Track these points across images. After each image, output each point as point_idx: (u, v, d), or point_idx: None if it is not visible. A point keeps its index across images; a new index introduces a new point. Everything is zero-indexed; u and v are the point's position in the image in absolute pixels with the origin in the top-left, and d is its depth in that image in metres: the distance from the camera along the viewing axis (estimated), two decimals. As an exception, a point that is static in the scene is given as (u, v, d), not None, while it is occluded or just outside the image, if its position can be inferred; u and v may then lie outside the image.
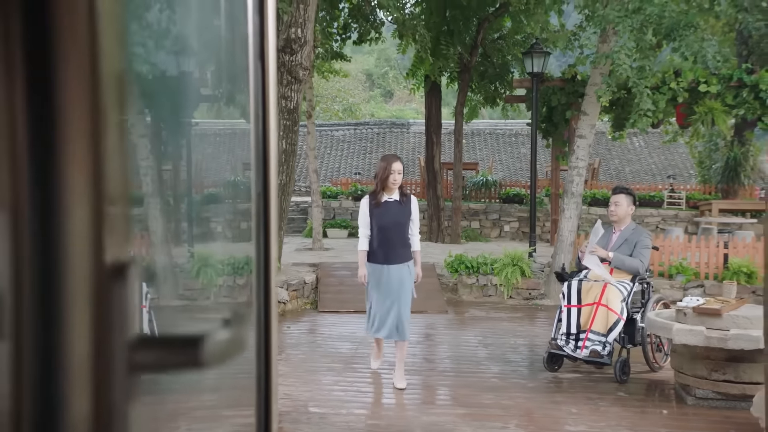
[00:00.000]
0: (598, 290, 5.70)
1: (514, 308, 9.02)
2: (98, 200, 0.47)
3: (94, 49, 0.49)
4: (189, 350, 0.51)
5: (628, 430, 4.52)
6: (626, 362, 5.65)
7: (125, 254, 0.48)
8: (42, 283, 0.44)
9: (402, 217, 5.23)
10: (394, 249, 5.18)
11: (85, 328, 0.45)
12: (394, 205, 5.23)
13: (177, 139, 2.93)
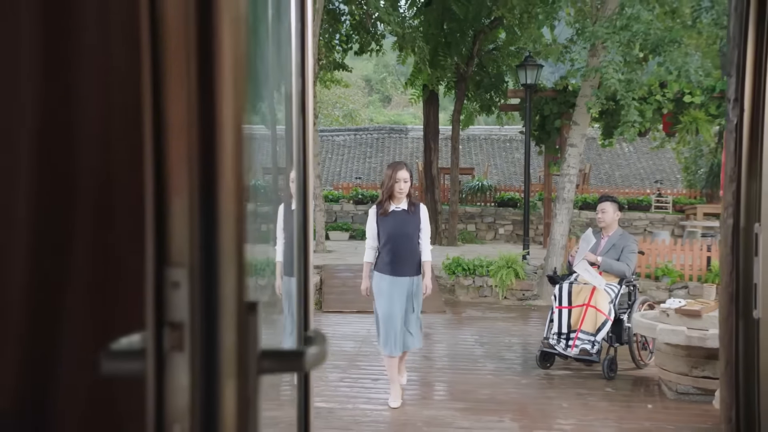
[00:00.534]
0: (587, 292, 6.09)
1: (508, 308, 9.42)
2: (242, 263, 0.83)
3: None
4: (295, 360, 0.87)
5: (614, 423, 4.89)
6: (614, 360, 6.04)
7: (251, 296, 0.82)
8: (209, 316, 0.78)
9: (410, 227, 4.97)
10: (402, 260, 4.93)
11: (233, 345, 0.77)
12: (401, 215, 4.97)
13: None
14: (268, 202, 3.07)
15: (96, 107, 0.86)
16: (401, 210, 4.98)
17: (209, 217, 0.64)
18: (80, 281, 0.88)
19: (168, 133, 0.67)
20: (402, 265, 4.93)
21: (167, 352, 0.61)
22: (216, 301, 0.65)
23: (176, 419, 0.60)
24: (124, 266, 0.76)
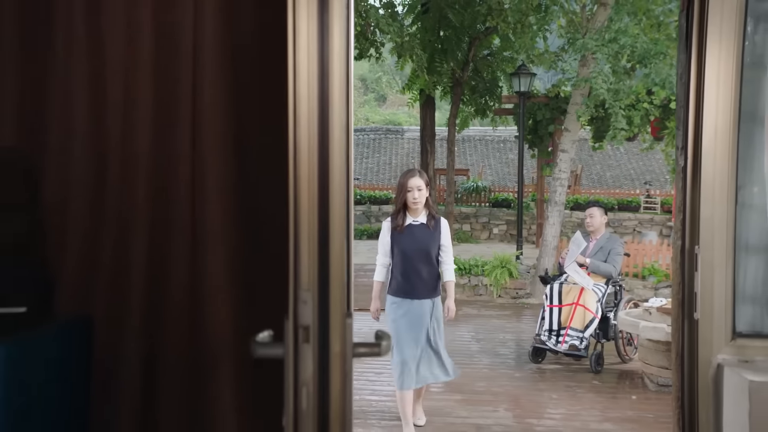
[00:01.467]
0: (576, 292, 6.53)
1: (502, 306, 9.85)
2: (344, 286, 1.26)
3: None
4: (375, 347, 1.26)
5: (600, 412, 5.31)
6: (600, 355, 6.48)
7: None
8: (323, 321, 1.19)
9: (429, 243, 4.35)
10: (420, 281, 4.31)
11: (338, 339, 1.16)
12: (419, 230, 4.36)
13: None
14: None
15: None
16: (419, 224, 4.37)
17: (324, 258, 1.04)
18: (252, 295, 1.53)
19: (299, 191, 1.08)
20: (419, 287, 4.32)
21: (300, 343, 1.01)
22: (327, 312, 1.04)
23: (304, 384, 1.00)
24: (276, 288, 1.20)
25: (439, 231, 4.43)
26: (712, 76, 1.79)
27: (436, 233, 4.42)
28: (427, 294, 4.34)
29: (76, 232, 1.71)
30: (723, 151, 1.80)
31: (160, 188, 1.70)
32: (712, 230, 1.81)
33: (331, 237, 1.03)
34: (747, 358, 1.78)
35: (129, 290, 1.68)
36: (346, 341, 1.03)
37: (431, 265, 4.38)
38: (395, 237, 4.38)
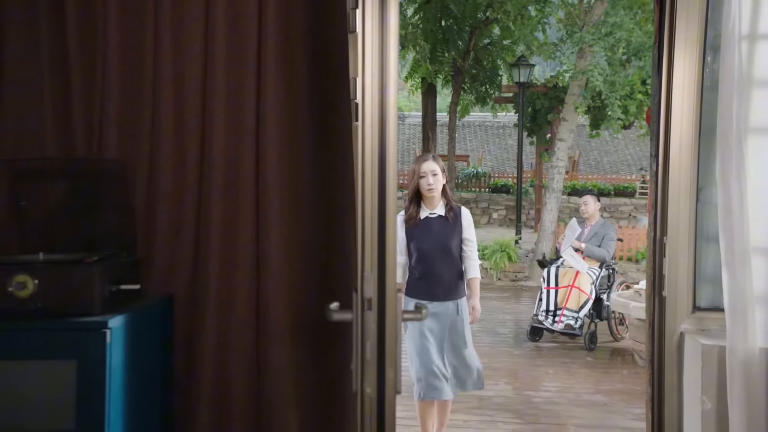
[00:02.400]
0: (572, 275, 6.96)
1: (502, 289, 10.30)
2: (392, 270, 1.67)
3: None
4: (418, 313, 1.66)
5: (592, 385, 5.75)
6: (594, 333, 6.93)
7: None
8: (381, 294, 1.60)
9: (450, 238, 3.86)
10: (440, 281, 3.84)
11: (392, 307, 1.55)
12: (437, 223, 3.86)
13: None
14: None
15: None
16: (437, 216, 3.87)
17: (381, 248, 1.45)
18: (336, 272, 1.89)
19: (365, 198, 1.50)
20: (440, 287, 3.84)
21: (365, 310, 1.42)
22: (384, 288, 1.45)
23: (368, 339, 1.41)
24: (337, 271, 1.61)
25: (459, 223, 3.91)
26: (678, 98, 2.19)
27: (457, 226, 3.90)
28: (450, 295, 3.85)
29: (161, 227, 2.11)
30: (686, 159, 2.20)
31: (230, 188, 2.10)
32: (677, 224, 2.22)
33: (387, 232, 1.43)
34: (704, 328, 2.19)
35: (206, 274, 2.08)
36: (397, 309, 1.44)
37: (453, 262, 3.88)
38: (410, 232, 3.87)
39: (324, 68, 2.14)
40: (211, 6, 2.09)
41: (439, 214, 3.89)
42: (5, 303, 1.67)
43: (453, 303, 3.87)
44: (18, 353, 1.67)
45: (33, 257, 1.82)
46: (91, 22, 2.09)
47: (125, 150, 2.10)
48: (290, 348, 2.08)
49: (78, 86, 2.08)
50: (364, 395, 1.45)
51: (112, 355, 1.69)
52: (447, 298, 3.86)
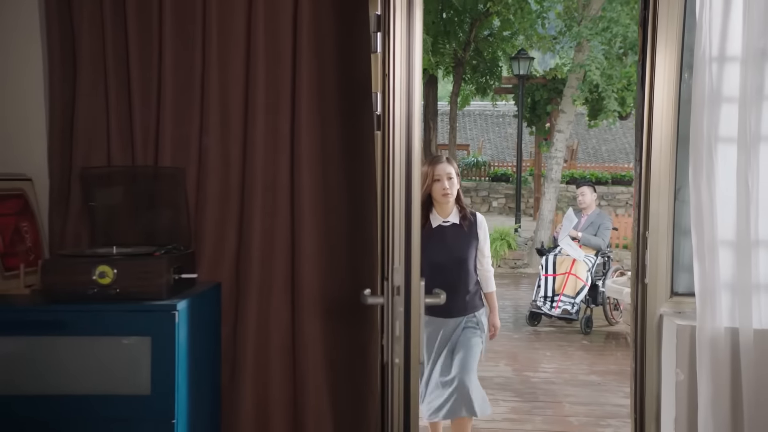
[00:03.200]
0: (569, 263, 7.31)
1: (501, 276, 10.64)
2: (417, 263, 2.00)
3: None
4: (438, 297, 1.98)
5: (587, 367, 6.12)
6: (590, 318, 7.29)
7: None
8: (407, 282, 1.93)
9: (465, 249, 3.55)
10: (455, 296, 3.46)
11: (417, 292, 1.87)
12: (451, 232, 3.55)
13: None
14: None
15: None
16: (450, 225, 3.56)
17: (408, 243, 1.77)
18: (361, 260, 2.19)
19: (392, 200, 1.83)
20: (455, 303, 3.49)
21: (393, 296, 1.74)
22: (410, 277, 1.78)
23: (396, 319, 1.74)
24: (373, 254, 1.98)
25: (475, 232, 3.60)
26: (658, 110, 2.51)
27: (472, 235, 3.58)
28: (461, 310, 3.54)
29: (209, 224, 2.43)
30: (665, 163, 2.53)
31: (268, 190, 2.42)
32: (657, 220, 2.54)
33: (412, 231, 1.76)
34: (680, 310, 2.52)
35: (248, 264, 2.41)
36: (420, 295, 1.77)
37: (469, 275, 3.57)
38: (423, 242, 3.49)
39: (350, 85, 2.45)
40: (252, 32, 2.40)
41: (453, 222, 3.56)
42: (90, 288, 2.00)
43: (463, 319, 3.53)
44: (103, 330, 2.00)
45: (108, 250, 2.15)
46: (149, 48, 2.41)
47: (177, 157, 2.43)
48: (321, 325, 2.42)
49: (138, 103, 2.40)
50: (393, 365, 1.78)
51: (179, 332, 2.02)
52: (462, 313, 3.53)
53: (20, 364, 2.00)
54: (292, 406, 2.45)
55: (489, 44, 13.56)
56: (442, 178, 3.52)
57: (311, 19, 2.39)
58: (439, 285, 3.21)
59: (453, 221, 3.59)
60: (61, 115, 2.42)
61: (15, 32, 2.43)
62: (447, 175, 3.52)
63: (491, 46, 13.66)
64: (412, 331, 1.75)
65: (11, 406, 1.99)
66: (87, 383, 2.01)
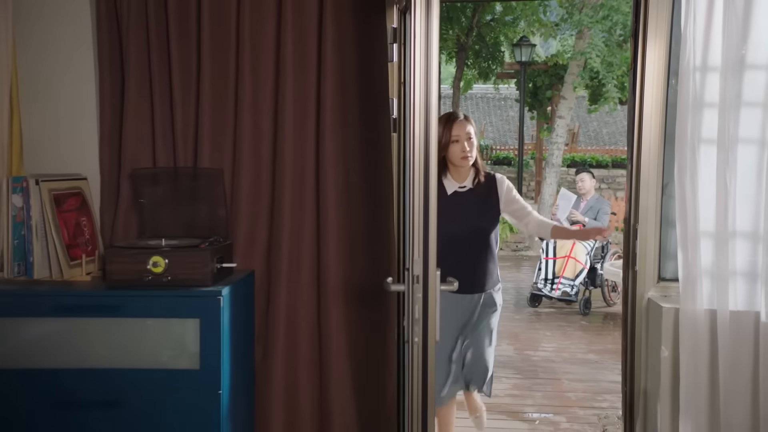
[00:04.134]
0: (568, 246, 7.59)
1: (503, 258, 10.92)
2: (434, 253, 2.27)
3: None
4: (452, 284, 2.25)
5: (586, 346, 6.40)
6: (588, 300, 7.58)
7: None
8: (426, 271, 2.20)
9: (485, 217, 3.12)
10: (473, 270, 3.10)
11: (434, 280, 2.14)
12: (468, 199, 3.11)
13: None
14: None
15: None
16: (467, 190, 3.12)
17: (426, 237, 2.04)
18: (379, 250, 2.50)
19: (414, 198, 2.10)
20: (474, 279, 3.12)
21: (413, 284, 2.01)
22: (428, 267, 2.04)
23: (416, 304, 2.01)
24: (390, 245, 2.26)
25: (495, 196, 3.14)
26: (648, 113, 2.77)
27: (492, 200, 3.13)
28: (479, 285, 3.13)
29: (242, 219, 2.71)
30: (654, 161, 2.79)
31: (296, 188, 2.69)
32: (646, 212, 2.81)
33: (430, 226, 2.03)
34: (666, 294, 2.80)
35: (278, 254, 2.69)
36: (437, 283, 2.05)
37: (488, 247, 3.13)
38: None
39: (369, 92, 2.72)
40: (281, 44, 2.66)
41: (470, 188, 3.11)
42: (145, 276, 2.29)
43: (481, 295, 3.14)
44: (157, 313, 2.29)
45: (158, 243, 2.43)
46: (189, 59, 2.67)
47: (214, 157, 2.70)
48: (344, 309, 2.71)
49: (179, 109, 2.67)
50: (413, 343, 2.06)
51: (224, 315, 2.30)
52: (476, 288, 3.13)
53: (86, 341, 2.29)
54: (318, 383, 2.75)
55: (491, 29, 13.74)
56: (461, 138, 3.05)
57: (334, 32, 2.65)
58: (457, 260, 2.89)
59: (469, 186, 3.12)
60: (111, 120, 2.69)
61: (69, 46, 2.70)
62: (466, 135, 3.06)
63: (493, 31, 13.84)
64: (429, 315, 2.03)
65: (79, 377, 2.29)
66: (145, 359, 2.30)
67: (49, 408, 2.27)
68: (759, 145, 2.57)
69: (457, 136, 3.06)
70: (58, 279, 2.42)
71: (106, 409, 2.28)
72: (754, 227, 2.58)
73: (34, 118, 2.70)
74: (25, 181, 2.39)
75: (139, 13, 2.65)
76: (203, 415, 2.27)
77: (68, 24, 2.70)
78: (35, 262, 2.38)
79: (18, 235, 2.39)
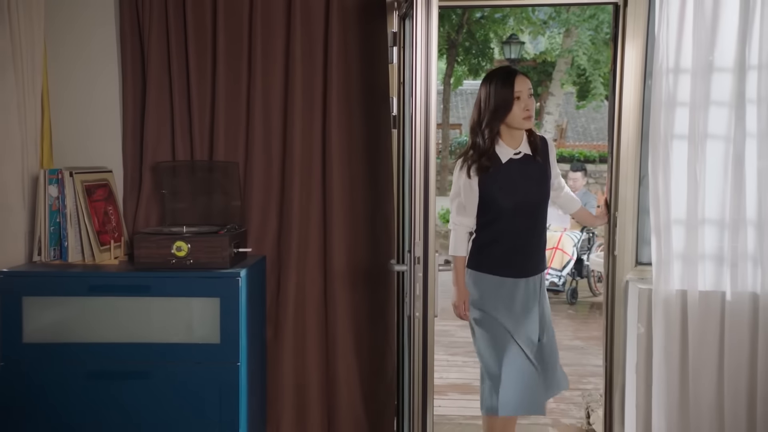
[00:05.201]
0: (556, 238, 7.86)
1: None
2: (433, 240, 2.52)
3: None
4: (449, 264, 2.55)
5: (572, 333, 6.67)
6: (575, 290, 7.86)
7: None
8: (425, 253, 2.43)
9: (541, 187, 2.74)
10: (532, 250, 2.76)
11: (432, 260, 2.40)
12: (524, 166, 2.71)
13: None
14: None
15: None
16: (522, 156, 2.72)
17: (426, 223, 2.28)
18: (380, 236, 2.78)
19: (415, 187, 2.35)
20: (529, 258, 2.75)
21: (414, 264, 2.26)
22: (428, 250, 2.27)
23: (417, 282, 2.26)
24: (390, 231, 2.50)
25: (548, 160, 2.78)
26: (626, 112, 3.02)
27: (547, 167, 2.76)
28: (538, 267, 2.78)
29: (255, 208, 2.94)
30: (632, 155, 3.04)
31: (304, 180, 2.93)
32: (625, 202, 3.07)
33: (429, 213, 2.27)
34: (643, 277, 3.06)
35: (288, 240, 2.93)
36: (436, 264, 2.30)
37: (544, 221, 2.80)
38: (485, 182, 2.66)
39: (371, 91, 2.96)
40: (290, 48, 2.89)
41: (526, 153, 2.72)
42: (170, 259, 2.53)
43: (539, 277, 2.79)
44: (182, 292, 2.52)
45: (180, 229, 2.66)
46: (205, 62, 2.90)
47: (229, 151, 2.93)
48: (348, 289, 2.95)
49: (196, 108, 2.90)
50: (413, 318, 2.31)
51: (241, 294, 2.54)
52: (536, 270, 2.78)
53: (117, 318, 2.53)
54: (325, 359, 2.99)
55: (481, 27, 13.96)
56: (522, 94, 2.64)
57: (339, 36, 2.89)
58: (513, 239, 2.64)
59: (524, 152, 2.72)
60: (133, 118, 2.92)
61: (96, 52, 2.93)
62: (528, 92, 2.67)
63: (483, 28, 14.07)
64: (429, 292, 2.27)
65: (110, 350, 2.52)
66: (170, 334, 2.54)
67: (84, 378, 2.51)
68: (725, 140, 2.82)
69: (519, 91, 2.63)
70: (89, 262, 2.65)
71: (135, 379, 2.51)
72: (720, 215, 2.83)
73: (63, 116, 2.93)
74: (60, 174, 2.61)
75: (160, 21, 2.88)
76: (223, 383, 2.51)
77: (95, 32, 2.93)
78: (69, 246, 2.62)
79: (54, 222, 2.62)
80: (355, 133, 2.96)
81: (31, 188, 2.67)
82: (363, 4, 2.89)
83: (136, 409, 2.52)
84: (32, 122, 2.67)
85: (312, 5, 2.88)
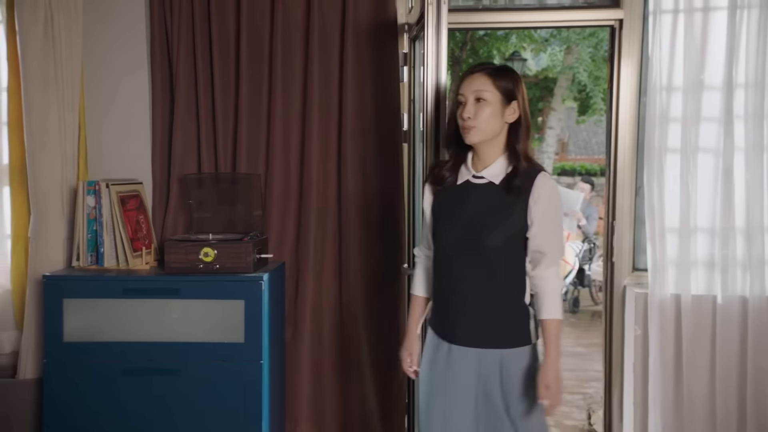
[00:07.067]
0: (558, 249, 8.04)
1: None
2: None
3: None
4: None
5: (574, 340, 6.83)
6: (577, 299, 8.03)
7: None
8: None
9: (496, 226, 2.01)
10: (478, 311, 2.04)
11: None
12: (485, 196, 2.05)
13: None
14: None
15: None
16: (485, 183, 2.07)
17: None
18: (391, 241, 2.96)
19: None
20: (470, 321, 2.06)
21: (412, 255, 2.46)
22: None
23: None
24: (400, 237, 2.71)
25: (525, 202, 2.02)
26: (623, 126, 3.21)
27: (520, 205, 2.02)
28: (481, 338, 2.05)
29: (275, 216, 3.13)
30: (628, 167, 3.23)
31: (321, 191, 3.12)
32: (622, 212, 3.25)
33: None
34: (639, 282, 3.23)
35: (305, 247, 3.12)
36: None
37: (494, 275, 2.04)
38: (434, 204, 2.17)
39: (383, 107, 3.16)
40: (308, 67, 3.10)
41: (491, 181, 2.06)
42: (197, 264, 2.72)
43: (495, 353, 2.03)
44: (209, 295, 2.71)
45: (206, 237, 2.86)
46: (228, 81, 3.10)
47: (250, 164, 3.13)
48: (360, 291, 3.14)
49: (221, 122, 3.10)
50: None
51: (264, 297, 2.73)
52: (475, 343, 2.05)
53: (149, 319, 2.72)
54: (339, 358, 3.17)
55: (484, 44, 14.20)
56: (466, 98, 2.05)
57: (353, 57, 3.10)
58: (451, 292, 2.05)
59: (491, 178, 2.05)
60: (162, 134, 3.13)
61: (127, 71, 3.15)
62: (474, 93, 2.04)
63: (486, 45, 14.30)
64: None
65: (143, 349, 2.71)
66: (198, 334, 2.72)
67: (119, 374, 2.70)
68: (715, 154, 3.02)
69: (462, 95, 2.06)
70: (123, 267, 2.85)
71: (165, 376, 2.70)
72: (711, 224, 3.02)
73: (97, 130, 3.14)
74: (97, 185, 2.82)
75: (187, 44, 3.08)
76: (248, 380, 2.70)
77: (127, 54, 3.15)
78: (105, 252, 2.82)
79: (91, 230, 2.82)
80: (369, 147, 3.15)
81: (69, 199, 2.88)
82: (376, 27, 3.10)
83: (166, 403, 2.70)
84: (71, 138, 2.88)
85: (328, 28, 3.09)
